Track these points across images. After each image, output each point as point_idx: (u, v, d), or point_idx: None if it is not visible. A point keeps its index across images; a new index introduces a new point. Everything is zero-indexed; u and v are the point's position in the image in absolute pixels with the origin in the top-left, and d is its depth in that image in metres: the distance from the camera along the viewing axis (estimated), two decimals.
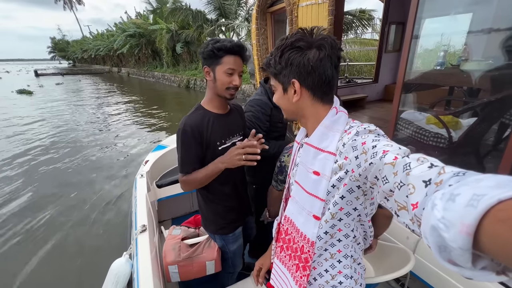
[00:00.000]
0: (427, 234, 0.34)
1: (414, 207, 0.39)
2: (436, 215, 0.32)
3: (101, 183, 4.24)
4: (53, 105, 11.36)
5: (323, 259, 0.80)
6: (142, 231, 1.47)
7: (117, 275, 1.25)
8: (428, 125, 1.99)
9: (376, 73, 4.97)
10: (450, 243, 0.30)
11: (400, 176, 0.43)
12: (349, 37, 11.84)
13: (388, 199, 0.49)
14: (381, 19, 4.80)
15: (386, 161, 0.48)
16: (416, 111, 2.10)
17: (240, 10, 14.52)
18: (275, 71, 0.73)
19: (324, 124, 0.71)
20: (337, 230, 0.75)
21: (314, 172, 0.71)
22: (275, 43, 0.77)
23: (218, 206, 1.34)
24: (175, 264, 1.38)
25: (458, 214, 0.29)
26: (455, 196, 0.31)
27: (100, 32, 38.90)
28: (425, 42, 2.11)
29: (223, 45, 1.09)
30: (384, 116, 3.92)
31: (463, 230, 0.28)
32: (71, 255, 2.71)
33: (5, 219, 3.35)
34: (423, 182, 0.39)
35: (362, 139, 0.59)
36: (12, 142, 6.34)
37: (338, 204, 0.68)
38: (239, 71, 1.14)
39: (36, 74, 30.99)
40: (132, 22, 23.87)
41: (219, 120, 1.21)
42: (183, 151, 1.16)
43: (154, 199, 2.24)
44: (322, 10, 2.07)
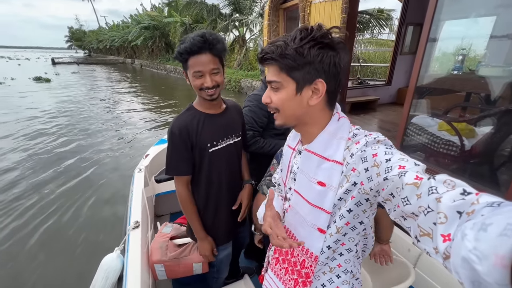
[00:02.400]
0: (458, 268, 0.31)
1: (445, 239, 0.36)
2: (467, 246, 0.30)
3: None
4: (68, 93, 11.64)
5: (321, 272, 0.76)
6: (135, 227, 1.46)
7: (107, 271, 1.23)
8: (439, 132, 1.91)
9: (389, 75, 4.84)
10: (485, 277, 0.27)
11: (426, 201, 0.40)
12: (365, 37, 11.56)
13: (406, 219, 0.46)
14: (399, 20, 4.65)
15: (408, 181, 0.44)
16: (428, 117, 2.03)
17: (255, 5, 14.41)
18: (293, 65, 0.59)
19: (328, 131, 0.66)
20: (341, 245, 0.71)
21: (319, 182, 0.66)
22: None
23: (207, 220, 1.27)
24: (161, 263, 1.37)
25: (491, 244, 0.27)
26: (487, 226, 0.29)
27: (116, 23, 39.52)
28: (443, 45, 2.02)
29: (181, 48, 1.00)
30: (395, 120, 3.82)
31: (497, 262, 0.26)
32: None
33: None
34: (458, 213, 0.35)
35: (373, 150, 0.56)
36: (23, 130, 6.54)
37: (345, 217, 0.64)
38: (209, 70, 1.02)
39: (53, 62, 31.86)
40: (147, 14, 24.13)
41: (211, 121, 1.16)
42: (170, 154, 1.13)
43: (152, 193, 2.23)
44: (335, 7, 2.01)
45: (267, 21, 3.26)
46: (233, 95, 11.27)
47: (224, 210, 1.29)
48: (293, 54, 0.59)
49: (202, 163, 1.18)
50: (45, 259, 2.53)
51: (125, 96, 11.67)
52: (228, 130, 1.22)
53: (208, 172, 1.20)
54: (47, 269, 2.42)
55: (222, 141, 1.19)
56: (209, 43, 1.00)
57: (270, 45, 0.62)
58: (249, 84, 11.75)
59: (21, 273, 2.38)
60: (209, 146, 1.15)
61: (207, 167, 1.19)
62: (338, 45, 0.60)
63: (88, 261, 2.45)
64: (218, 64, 1.05)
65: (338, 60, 0.60)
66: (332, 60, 0.59)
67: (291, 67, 0.60)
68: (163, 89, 13.99)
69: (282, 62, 0.61)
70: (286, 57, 0.60)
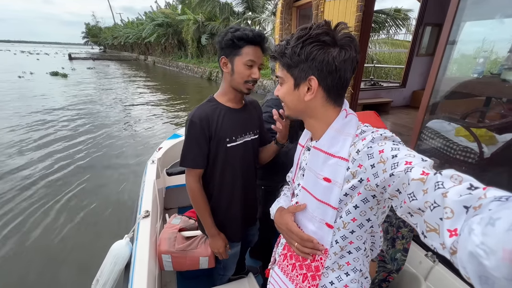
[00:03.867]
0: (465, 263, 0.31)
1: (451, 234, 0.35)
2: (475, 241, 0.30)
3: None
4: (83, 88, 11.95)
5: (330, 270, 0.75)
6: (145, 216, 1.47)
7: (115, 256, 1.26)
8: (456, 137, 1.82)
9: (404, 77, 4.70)
10: (493, 272, 0.27)
11: (433, 196, 0.39)
12: (380, 37, 11.28)
13: (413, 215, 0.46)
14: (416, 20, 4.50)
15: (414, 176, 0.43)
16: (444, 121, 1.94)
17: (268, 3, 14.33)
18: (290, 63, 0.65)
19: (334, 128, 0.67)
20: (349, 243, 0.70)
21: (325, 178, 0.67)
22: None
23: (219, 217, 1.24)
24: (168, 254, 1.37)
25: (499, 239, 0.27)
26: (494, 220, 0.28)
27: (131, 20, 40.24)
28: (464, 46, 1.93)
29: (244, 34, 0.99)
30: (409, 124, 3.70)
31: (505, 256, 0.26)
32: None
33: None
34: (465, 207, 0.35)
35: (379, 146, 0.55)
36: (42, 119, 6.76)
37: (351, 213, 0.65)
38: (259, 63, 1.05)
39: (70, 58, 32.82)
40: (161, 12, 24.42)
41: (231, 115, 1.13)
42: (188, 144, 1.10)
43: (163, 186, 2.25)
44: (350, 5, 1.94)
45: (279, 19, 3.21)
46: None
47: (236, 208, 1.26)
48: (289, 52, 0.64)
49: (217, 158, 1.14)
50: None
51: (138, 91, 11.86)
52: (247, 127, 1.19)
53: (222, 168, 1.17)
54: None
55: (240, 137, 1.16)
56: (264, 40, 1.04)
57: (276, 45, 0.69)
58: (260, 83, 11.69)
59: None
60: (228, 141, 1.12)
61: (222, 162, 1.15)
62: (341, 41, 0.61)
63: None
64: (263, 61, 1.09)
65: (334, 56, 0.60)
66: (326, 57, 0.60)
67: (288, 64, 0.66)
68: (175, 87, 14.14)
69: (282, 60, 0.67)
70: (284, 56, 0.65)
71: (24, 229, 2.86)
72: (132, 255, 1.25)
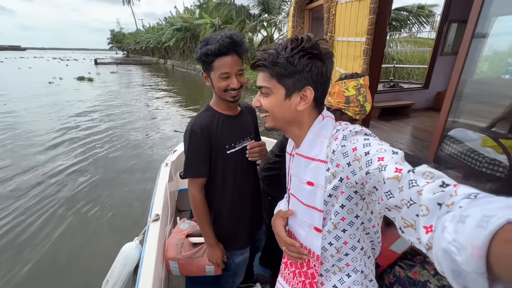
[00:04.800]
0: (440, 259, 0.33)
1: (428, 230, 0.37)
2: (447, 238, 0.31)
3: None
4: (105, 92, 12.56)
5: (331, 273, 0.76)
6: (155, 220, 1.50)
7: (125, 259, 1.29)
8: (483, 148, 1.66)
9: (427, 78, 4.42)
10: (464, 267, 0.29)
11: (408, 193, 0.42)
12: (402, 35, 10.76)
13: (391, 210, 0.47)
14: (440, 16, 4.22)
15: (388, 175, 0.46)
16: (468, 130, 1.77)
17: (284, 5, 14.23)
18: (284, 73, 0.64)
19: (312, 132, 0.69)
20: (343, 244, 0.72)
21: (308, 182, 0.69)
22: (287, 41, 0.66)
23: (225, 225, 1.26)
24: (175, 260, 1.39)
25: (469, 236, 0.29)
26: (464, 218, 0.30)
27: (151, 26, 41.78)
28: (492, 44, 1.75)
29: (208, 49, 0.96)
30: (432, 128, 3.46)
31: (474, 252, 0.28)
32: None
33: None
34: (438, 204, 0.37)
35: (352, 144, 0.58)
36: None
37: (339, 213, 0.67)
38: (236, 71, 1.01)
39: (96, 63, 34.67)
40: (179, 16, 25.13)
41: (229, 122, 1.14)
42: (190, 154, 1.11)
43: (175, 188, 2.30)
44: (363, 7, 1.84)
45: (291, 23, 3.15)
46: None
47: (240, 213, 1.26)
48: (284, 62, 0.63)
49: (217, 165, 1.15)
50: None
51: (157, 95, 12.25)
52: (244, 132, 1.20)
53: (223, 175, 1.18)
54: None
55: (239, 143, 1.17)
56: (237, 44, 0.99)
57: (262, 52, 0.67)
58: None
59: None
60: (227, 148, 1.14)
61: (222, 169, 1.17)
62: (325, 55, 0.65)
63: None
64: (242, 65, 1.04)
65: (325, 70, 0.65)
66: (320, 69, 0.64)
67: (281, 74, 0.65)
68: (191, 88, 14.42)
69: (273, 69, 0.65)
70: (277, 65, 0.64)
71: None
72: (141, 258, 1.28)
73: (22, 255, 2.62)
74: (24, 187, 3.82)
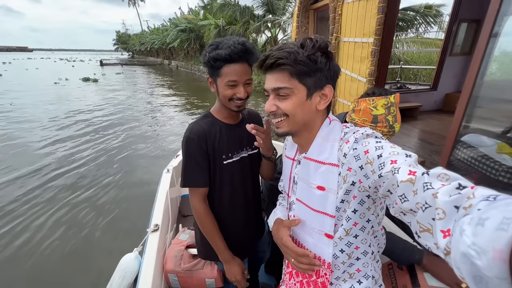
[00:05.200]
0: (459, 263, 0.32)
1: (445, 235, 0.36)
2: (466, 241, 0.30)
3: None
4: (111, 91, 12.67)
5: (341, 280, 0.74)
6: (154, 230, 1.46)
7: (124, 270, 1.26)
8: (499, 155, 1.56)
9: (435, 79, 4.31)
10: (485, 271, 0.27)
11: (423, 196, 0.40)
12: (409, 35, 10.58)
13: (406, 214, 0.46)
14: (450, 16, 4.10)
15: (402, 178, 0.45)
16: (482, 135, 1.67)
17: (288, 5, 14.15)
18: (305, 71, 0.62)
19: (321, 135, 0.68)
20: (355, 249, 0.70)
21: (318, 187, 0.67)
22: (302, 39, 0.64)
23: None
24: (174, 273, 1.33)
25: (489, 239, 0.27)
26: (484, 220, 0.29)
27: (156, 27, 42.08)
28: (508, 43, 1.65)
29: (218, 55, 0.90)
30: (440, 131, 3.35)
31: (496, 256, 0.26)
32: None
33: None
34: (455, 207, 0.35)
35: (363, 147, 0.57)
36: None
37: (352, 219, 0.65)
38: (244, 80, 0.95)
39: (101, 64, 35.06)
40: (184, 18, 25.24)
41: (228, 131, 1.09)
42: (187, 162, 1.05)
43: (178, 194, 2.25)
44: (370, 7, 1.76)
45: (296, 23, 3.08)
46: (261, 98, 11.16)
47: (237, 226, 1.20)
48: (306, 60, 0.61)
49: (214, 176, 1.10)
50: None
51: (163, 97, 12.28)
52: (244, 142, 1.13)
53: (220, 186, 1.12)
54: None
55: (237, 154, 1.11)
56: (248, 52, 0.93)
57: (278, 51, 0.62)
58: None
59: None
60: (224, 158, 1.08)
61: (219, 180, 1.10)
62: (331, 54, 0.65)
63: None
64: (251, 75, 0.98)
65: (338, 67, 0.66)
66: (336, 68, 0.65)
67: (303, 73, 0.62)
68: (195, 88, 14.44)
69: (295, 68, 0.61)
70: (299, 63, 0.61)
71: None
72: (140, 269, 1.24)
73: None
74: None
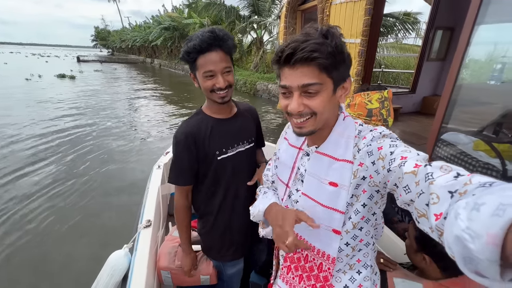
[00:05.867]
0: (451, 244, 0.33)
1: (437, 218, 0.37)
2: (460, 225, 0.31)
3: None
4: (91, 89, 12.06)
5: (341, 273, 0.74)
6: (146, 226, 1.43)
7: (113, 268, 1.22)
8: (475, 152, 1.67)
9: (414, 83, 4.52)
10: (477, 254, 0.29)
11: (422, 186, 0.42)
12: (389, 41, 11.08)
13: (409, 205, 0.47)
14: (427, 23, 4.33)
15: (407, 170, 0.46)
16: (460, 133, 1.78)
17: (274, 7, 14.30)
18: (329, 63, 0.56)
19: (337, 131, 0.67)
20: (359, 241, 0.70)
21: (331, 183, 0.65)
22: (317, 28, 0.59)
23: (215, 234, 1.20)
24: (167, 270, 1.30)
25: (484, 224, 0.28)
26: (479, 206, 0.30)
27: (138, 24, 40.87)
28: (478, 51, 1.78)
29: (189, 47, 0.91)
30: (420, 131, 3.52)
31: (489, 240, 0.27)
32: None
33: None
34: (449, 192, 0.37)
35: (378, 144, 0.57)
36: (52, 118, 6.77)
37: (360, 212, 0.65)
38: (221, 69, 0.93)
39: (78, 60, 33.40)
40: (167, 15, 24.70)
41: (220, 126, 1.07)
42: (174, 161, 1.06)
43: (168, 192, 2.20)
44: (358, 8, 1.82)
45: (284, 23, 3.11)
46: (248, 99, 11.16)
47: (233, 224, 1.19)
48: (330, 51, 0.56)
49: (209, 172, 1.09)
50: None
51: (143, 95, 11.90)
52: (239, 137, 1.12)
53: (215, 181, 1.11)
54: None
55: (232, 148, 1.10)
56: (219, 39, 0.91)
57: (307, 43, 0.55)
58: (265, 87, 11.61)
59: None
60: (218, 154, 1.06)
61: (214, 175, 1.10)
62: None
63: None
64: (229, 62, 0.96)
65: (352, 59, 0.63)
66: (351, 58, 0.62)
67: (332, 65, 0.57)
68: (180, 87, 14.16)
69: (326, 61, 0.56)
70: (321, 56, 0.55)
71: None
72: (130, 267, 1.20)
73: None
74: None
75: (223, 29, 0.94)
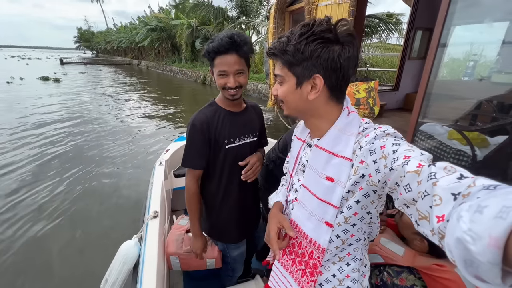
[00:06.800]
0: (452, 247, 0.33)
1: (439, 220, 0.37)
2: (462, 227, 0.31)
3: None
4: (76, 92, 11.76)
5: (331, 263, 0.77)
6: (154, 217, 1.49)
7: (124, 257, 1.29)
8: (449, 141, 1.84)
9: (397, 81, 4.75)
10: (478, 256, 0.28)
11: (425, 186, 0.41)
12: (373, 41, 11.44)
13: (409, 206, 0.47)
14: (407, 24, 4.56)
15: (409, 168, 0.45)
16: (437, 124, 1.95)
17: (262, 8, 14.44)
18: (292, 60, 0.63)
19: (338, 127, 0.67)
20: (350, 236, 0.72)
21: (327, 178, 0.67)
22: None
23: (219, 218, 1.29)
24: (176, 255, 1.40)
25: (486, 226, 0.28)
26: (482, 208, 0.29)
27: (124, 25, 40.06)
28: (453, 50, 1.95)
29: (209, 47, 1.02)
30: (403, 126, 3.72)
31: (491, 243, 0.27)
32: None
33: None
34: (452, 194, 0.36)
35: (381, 142, 0.56)
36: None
37: (353, 208, 0.66)
38: (234, 70, 1.03)
39: (62, 62, 32.35)
40: (154, 16, 24.37)
41: (231, 118, 1.18)
42: (188, 146, 1.15)
43: (170, 187, 2.29)
44: (342, 10, 1.96)
45: (273, 24, 3.23)
46: None
47: (236, 208, 1.29)
48: (292, 50, 0.61)
49: (217, 159, 1.19)
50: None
51: (131, 97, 11.74)
52: (246, 129, 1.23)
53: (221, 169, 1.21)
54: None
55: (239, 139, 1.20)
56: (236, 44, 1.00)
57: (276, 41, 0.66)
58: (254, 87, 11.74)
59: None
60: (226, 142, 1.16)
61: (221, 163, 1.20)
62: (345, 38, 0.60)
63: None
64: (243, 65, 1.06)
65: (339, 54, 0.60)
66: (331, 55, 0.59)
67: (291, 62, 0.63)
68: (169, 90, 14.04)
69: (283, 58, 0.64)
70: (286, 53, 0.63)
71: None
72: (141, 255, 1.27)
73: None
74: None
75: (242, 34, 1.03)
